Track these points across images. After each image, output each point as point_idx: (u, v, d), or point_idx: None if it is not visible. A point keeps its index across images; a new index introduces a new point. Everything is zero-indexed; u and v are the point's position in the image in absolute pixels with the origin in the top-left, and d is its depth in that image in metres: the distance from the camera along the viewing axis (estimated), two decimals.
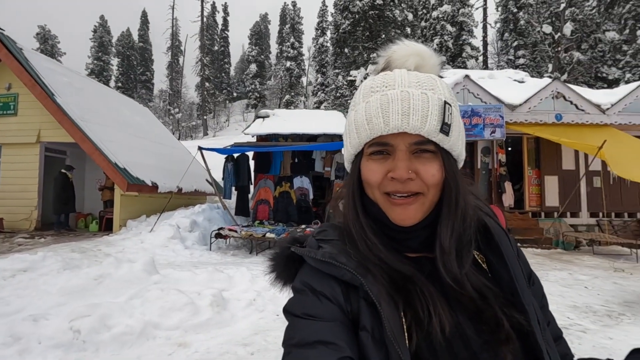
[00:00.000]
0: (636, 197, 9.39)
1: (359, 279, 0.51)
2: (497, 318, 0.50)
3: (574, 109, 9.08)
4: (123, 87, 45.14)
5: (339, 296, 0.52)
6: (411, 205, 0.53)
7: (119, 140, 8.92)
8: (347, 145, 0.59)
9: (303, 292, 0.54)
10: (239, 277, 4.41)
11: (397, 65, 0.58)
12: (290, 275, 0.60)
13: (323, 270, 0.54)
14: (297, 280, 0.57)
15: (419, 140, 0.52)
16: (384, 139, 0.53)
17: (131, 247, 6.52)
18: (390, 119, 0.51)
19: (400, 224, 0.54)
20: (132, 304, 3.36)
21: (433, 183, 0.53)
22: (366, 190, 0.57)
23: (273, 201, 9.17)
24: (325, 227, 0.62)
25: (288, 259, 0.60)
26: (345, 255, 0.54)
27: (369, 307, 0.50)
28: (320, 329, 0.49)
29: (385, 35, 22.56)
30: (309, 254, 0.55)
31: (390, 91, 0.53)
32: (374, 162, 0.54)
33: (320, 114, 12.06)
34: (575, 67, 24.03)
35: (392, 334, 0.46)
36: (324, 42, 39.34)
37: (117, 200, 8.23)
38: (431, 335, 0.48)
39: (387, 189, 0.53)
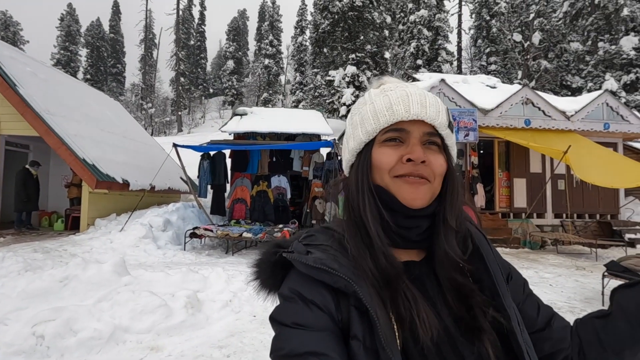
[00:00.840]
0: (596, 200, 9.97)
1: (352, 286, 0.50)
2: (480, 321, 0.52)
3: (541, 115, 9.52)
4: (92, 79, 43.14)
5: (330, 304, 0.51)
6: (421, 186, 0.55)
7: (87, 134, 8.51)
8: (359, 134, 0.59)
9: (292, 300, 0.52)
10: (214, 278, 4.32)
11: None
12: (277, 282, 0.58)
13: (314, 277, 0.52)
14: (285, 288, 0.55)
15: (431, 131, 0.57)
16: (403, 125, 0.56)
17: (99, 247, 6.24)
18: (411, 107, 0.56)
19: (411, 203, 0.55)
20: (100, 307, 3.21)
21: (440, 172, 0.56)
22: (374, 176, 0.58)
23: (250, 200, 9.05)
24: (313, 231, 0.61)
25: (275, 265, 0.58)
26: (337, 262, 0.53)
27: (360, 314, 0.50)
28: (311, 339, 0.48)
29: (364, 37, 22.76)
30: (299, 259, 0.54)
31: (408, 89, 0.58)
32: (388, 148, 0.57)
33: (298, 113, 12.02)
34: (543, 74, 25.23)
35: (386, 341, 0.46)
36: (303, 41, 39.24)
37: (85, 197, 7.85)
38: (419, 341, 0.49)
39: (400, 171, 0.55)
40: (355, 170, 0.60)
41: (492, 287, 0.56)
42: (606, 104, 9.78)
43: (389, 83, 0.63)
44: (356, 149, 0.60)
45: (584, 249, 8.55)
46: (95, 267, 3.82)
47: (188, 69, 45.12)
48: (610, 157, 8.82)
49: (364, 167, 0.58)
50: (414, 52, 27.08)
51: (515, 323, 0.53)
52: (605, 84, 21.11)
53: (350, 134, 0.62)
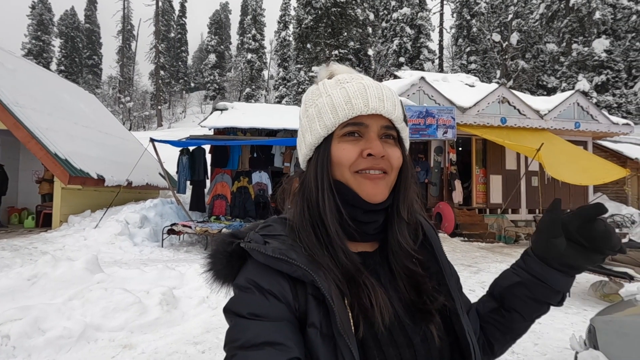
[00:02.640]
0: (567, 196, 10.39)
1: (310, 275, 0.51)
2: (429, 305, 0.56)
3: (516, 113, 9.82)
4: (66, 70, 41.46)
5: (287, 294, 0.51)
6: (380, 181, 0.56)
7: (59, 128, 8.21)
8: (317, 128, 0.58)
9: (248, 290, 0.52)
10: (191, 274, 4.27)
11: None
12: (233, 272, 0.57)
13: (272, 267, 0.52)
14: (241, 278, 0.54)
15: (388, 124, 0.58)
16: (361, 119, 0.56)
17: (72, 244, 6.06)
18: (369, 101, 0.56)
19: (372, 199, 0.56)
20: (71, 305, 3.14)
21: (397, 165, 0.58)
22: (335, 173, 0.58)
23: (230, 196, 8.96)
24: (270, 222, 0.60)
25: (231, 256, 0.57)
26: (294, 251, 0.53)
27: (317, 303, 0.51)
28: (268, 329, 0.48)
29: (347, 33, 22.80)
30: (258, 248, 0.53)
31: (364, 81, 0.58)
32: (347, 143, 0.57)
33: (280, 109, 11.95)
34: (520, 74, 25.96)
35: (342, 327, 0.47)
36: (287, 36, 38.90)
37: (57, 193, 7.59)
38: (374, 325, 0.51)
39: (361, 166, 0.56)
40: (314, 166, 0.59)
41: (439, 273, 0.60)
42: (577, 104, 10.17)
43: (340, 73, 0.62)
44: (314, 144, 0.59)
45: None
46: (66, 264, 3.71)
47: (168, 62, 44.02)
48: (580, 155, 9.20)
49: (323, 162, 0.58)
50: (397, 49, 27.32)
51: (459, 306, 0.58)
52: (578, 85, 21.92)
53: (307, 128, 0.61)
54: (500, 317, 0.64)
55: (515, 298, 0.62)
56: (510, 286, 0.62)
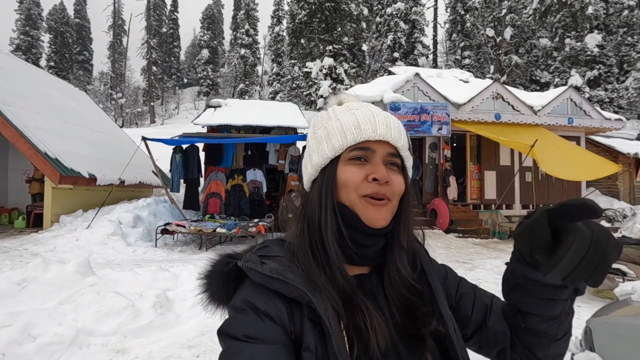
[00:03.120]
0: (560, 191, 10.48)
1: (307, 295, 0.50)
2: (423, 332, 0.56)
3: (510, 109, 9.84)
4: (56, 66, 40.76)
5: (283, 316, 0.51)
6: (384, 207, 0.57)
7: (49, 127, 8.06)
8: (324, 150, 0.60)
9: (244, 312, 0.51)
10: (185, 276, 4.22)
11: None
12: (228, 293, 0.56)
13: (268, 287, 0.52)
14: (237, 299, 0.53)
15: (393, 152, 0.60)
16: (369, 144, 0.58)
17: (64, 245, 5.97)
18: (377, 127, 0.58)
19: (374, 224, 0.56)
20: (62, 310, 3.08)
21: (399, 192, 0.59)
22: (339, 194, 0.58)
23: (225, 194, 8.89)
24: (267, 243, 0.61)
25: (227, 276, 0.57)
26: (291, 272, 0.53)
27: (313, 326, 0.50)
28: (262, 352, 0.47)
29: (341, 29, 22.63)
30: (255, 268, 0.53)
31: (373, 108, 0.61)
32: (354, 166, 0.58)
33: (274, 105, 11.86)
34: (514, 69, 26.04)
35: (339, 351, 0.47)
36: (280, 31, 38.61)
37: (48, 193, 7.47)
38: (369, 349, 0.50)
39: (366, 191, 0.56)
40: (319, 187, 0.60)
41: (432, 297, 0.60)
42: (570, 99, 10.22)
43: (349, 101, 0.65)
44: (321, 164, 0.60)
45: None
46: (57, 267, 3.64)
47: (160, 58, 43.50)
48: (573, 151, 9.27)
49: (329, 184, 0.59)
50: (391, 44, 27.23)
51: (452, 330, 0.58)
52: (570, 80, 22.07)
53: (314, 149, 0.62)
54: (522, 322, 0.61)
55: (522, 301, 0.60)
56: (511, 290, 0.61)
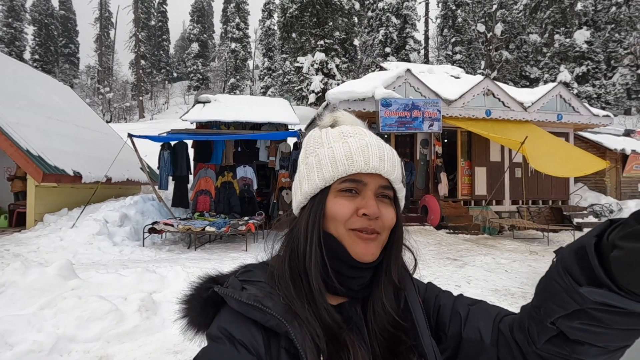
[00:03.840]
0: (549, 187, 10.59)
1: (284, 325, 0.49)
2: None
3: (501, 105, 9.87)
4: (41, 59, 39.73)
5: (259, 346, 0.49)
6: (373, 242, 0.55)
7: (31, 123, 7.81)
8: (315, 179, 0.58)
9: (219, 341, 0.50)
10: (172, 277, 4.13)
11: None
12: (207, 320, 0.55)
13: (246, 315, 0.51)
14: (214, 326, 0.52)
15: (386, 184, 0.57)
16: (360, 177, 0.56)
17: (47, 245, 5.81)
18: (370, 159, 0.56)
19: (362, 259, 0.55)
20: (42, 316, 2.97)
21: (389, 226, 0.57)
22: (328, 226, 0.57)
23: (215, 192, 8.77)
24: (251, 267, 0.59)
25: (206, 302, 0.56)
26: (271, 299, 0.52)
27: (289, 357, 0.49)
28: None
29: (332, 23, 22.43)
30: (232, 294, 0.52)
31: (367, 138, 0.58)
32: (344, 199, 0.56)
33: (265, 101, 11.70)
34: (504, 65, 26.19)
35: None
36: (271, 25, 38.16)
37: (31, 191, 7.26)
38: None
39: (355, 225, 0.55)
40: (307, 216, 0.58)
41: (413, 328, 0.57)
42: (560, 96, 10.29)
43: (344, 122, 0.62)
44: (310, 193, 0.58)
45: (538, 234, 9.08)
46: (38, 271, 3.52)
47: (149, 51, 42.71)
48: (562, 147, 9.35)
49: (316, 214, 0.57)
50: (383, 39, 27.13)
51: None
52: (560, 76, 22.29)
53: (305, 176, 0.60)
54: (565, 351, 0.47)
55: (580, 330, 0.44)
56: (567, 317, 0.44)
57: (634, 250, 0.36)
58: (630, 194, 12.21)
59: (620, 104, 26.78)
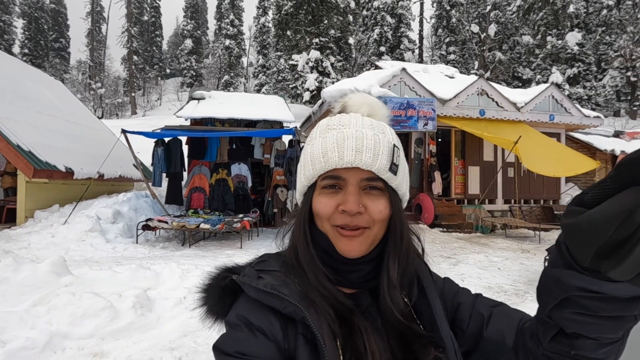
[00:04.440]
0: (541, 186, 10.73)
1: (302, 311, 0.50)
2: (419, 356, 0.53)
3: (494, 105, 9.96)
4: (31, 54, 39.04)
5: (277, 332, 0.51)
6: (356, 238, 0.54)
7: (21, 118, 7.68)
8: (301, 177, 0.60)
9: (237, 327, 0.51)
10: (167, 274, 4.11)
11: (352, 110, 0.61)
12: (225, 308, 0.56)
13: (263, 302, 0.52)
14: (232, 314, 0.53)
15: (370, 176, 0.55)
16: (338, 172, 0.55)
17: (39, 242, 5.72)
18: (345, 154, 0.54)
19: (347, 255, 0.55)
20: (34, 313, 2.93)
21: (380, 219, 0.55)
22: (316, 222, 0.58)
23: (209, 189, 8.72)
24: (266, 257, 0.61)
25: (224, 290, 0.57)
26: (287, 287, 0.53)
27: (306, 342, 0.50)
28: None
29: (328, 21, 22.39)
30: (250, 282, 0.53)
31: (346, 129, 0.56)
32: (325, 196, 0.56)
33: (260, 99, 11.65)
34: (497, 66, 26.42)
35: None
36: (266, 22, 37.98)
37: (22, 187, 7.14)
38: None
39: (337, 222, 0.55)
40: (299, 213, 0.60)
41: (432, 318, 0.57)
42: (552, 97, 10.43)
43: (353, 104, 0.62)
44: (301, 191, 0.61)
45: (529, 233, 9.20)
46: (30, 267, 3.47)
47: (142, 47, 42.22)
48: (554, 147, 9.47)
49: (303, 212, 0.58)
50: (377, 38, 27.16)
51: (453, 354, 0.55)
52: (551, 77, 22.55)
53: (298, 174, 0.62)
54: (566, 347, 0.46)
55: (571, 320, 0.43)
56: (557, 306, 0.44)
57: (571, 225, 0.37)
58: None
59: (609, 105, 27.22)
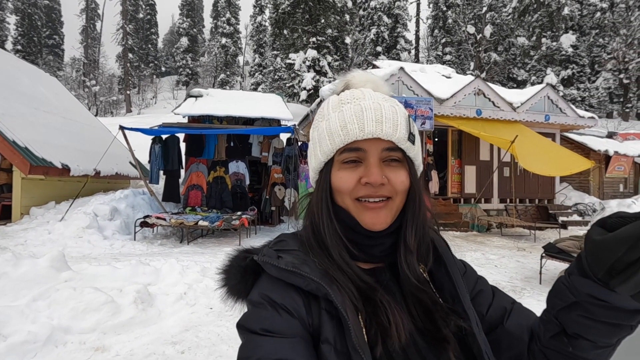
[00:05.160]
0: (536, 186, 10.84)
1: (324, 288, 0.50)
2: (443, 331, 0.53)
3: (491, 105, 10.04)
4: (24, 50, 38.54)
5: (300, 309, 0.51)
6: (382, 209, 0.54)
7: (17, 114, 7.60)
8: (318, 154, 0.59)
9: (261, 306, 0.51)
10: (167, 270, 4.10)
11: (356, 87, 0.61)
12: (247, 288, 0.56)
13: (285, 281, 0.52)
14: (255, 293, 0.54)
15: (390, 146, 0.55)
16: (358, 144, 0.54)
17: (35, 238, 5.68)
18: (365, 125, 0.54)
19: (372, 228, 0.55)
20: (35, 307, 2.92)
21: (402, 189, 0.56)
22: (336, 198, 0.57)
23: (206, 187, 8.70)
24: (283, 237, 0.61)
25: (245, 270, 0.57)
26: (308, 266, 0.53)
27: (330, 318, 0.50)
28: (281, 346, 0.47)
29: (325, 20, 22.40)
30: (271, 262, 0.53)
31: (363, 102, 0.56)
32: (345, 170, 0.56)
33: (257, 97, 11.63)
34: (493, 67, 26.62)
35: (357, 342, 0.47)
36: (263, 20, 37.86)
37: (17, 184, 7.07)
38: (388, 344, 0.50)
39: (360, 194, 0.55)
40: (317, 191, 0.59)
41: (453, 291, 0.58)
42: (547, 97, 10.54)
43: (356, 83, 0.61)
44: (318, 168, 0.60)
45: (524, 231, 9.30)
46: (29, 262, 3.45)
47: (137, 45, 41.92)
48: (549, 147, 9.57)
49: (324, 188, 0.58)
50: (374, 38, 27.23)
51: (475, 324, 0.55)
52: (546, 78, 22.79)
53: (312, 152, 0.61)
54: (565, 346, 0.52)
55: (575, 322, 0.49)
56: (565, 309, 0.50)
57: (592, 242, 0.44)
58: (612, 194, 12.61)
59: (603, 107, 27.56)
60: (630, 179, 13.34)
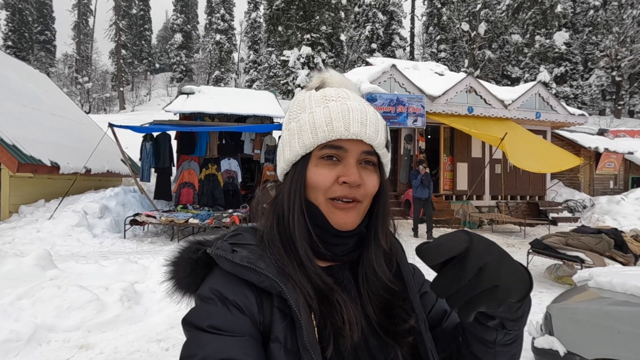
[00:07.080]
0: (527, 183, 10.93)
1: (279, 285, 0.49)
2: (399, 322, 0.55)
3: (483, 103, 10.10)
4: (15, 46, 38.00)
5: (252, 306, 0.49)
6: (352, 210, 0.55)
7: (4, 111, 7.51)
8: (295, 145, 0.56)
9: (211, 301, 0.49)
10: (155, 267, 4.09)
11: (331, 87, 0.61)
12: (197, 282, 0.54)
13: (239, 276, 0.50)
14: (205, 288, 0.51)
15: (369, 150, 0.55)
16: (341, 143, 0.54)
17: (23, 237, 5.65)
18: (351, 125, 0.54)
19: (342, 227, 0.55)
20: (19, 306, 2.91)
21: (371, 193, 0.56)
22: (308, 194, 0.56)
23: (198, 184, 8.67)
24: (240, 230, 0.59)
25: (196, 263, 0.55)
26: (263, 262, 0.51)
27: (283, 316, 0.49)
28: (228, 344, 0.45)
29: (319, 17, 22.31)
30: (225, 256, 0.51)
31: (349, 102, 0.56)
32: (324, 167, 0.55)
33: (250, 94, 11.59)
34: (487, 64, 26.71)
35: (309, 342, 0.46)
36: (257, 17, 37.63)
37: (5, 182, 7.01)
38: (340, 343, 0.50)
39: (336, 194, 0.54)
40: (289, 184, 0.57)
41: (404, 291, 0.59)
42: (538, 95, 10.61)
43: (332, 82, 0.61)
44: (292, 160, 0.57)
45: (515, 228, 9.39)
46: (14, 261, 3.43)
47: (130, 41, 41.44)
48: (540, 144, 9.66)
49: (297, 182, 0.56)
50: (369, 35, 27.19)
51: (423, 324, 0.57)
52: (539, 76, 22.90)
53: (287, 142, 0.58)
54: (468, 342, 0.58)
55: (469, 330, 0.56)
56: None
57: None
58: (602, 190, 12.75)
59: (595, 104, 27.79)
60: (620, 176, 13.50)
